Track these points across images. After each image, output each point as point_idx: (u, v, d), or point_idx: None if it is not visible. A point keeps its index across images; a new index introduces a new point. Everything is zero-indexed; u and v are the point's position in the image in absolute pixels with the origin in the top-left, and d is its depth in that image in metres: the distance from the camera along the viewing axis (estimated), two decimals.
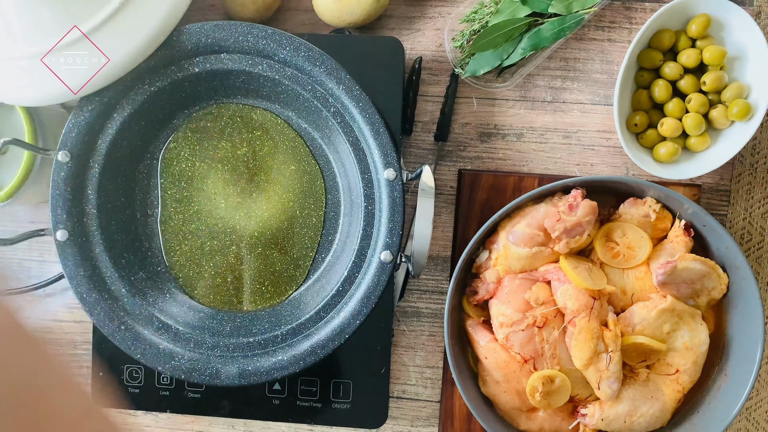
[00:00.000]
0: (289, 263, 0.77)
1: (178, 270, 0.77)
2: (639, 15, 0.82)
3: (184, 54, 0.70)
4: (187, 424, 0.88)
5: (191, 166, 0.77)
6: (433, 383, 0.85)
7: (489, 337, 0.75)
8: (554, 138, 0.83)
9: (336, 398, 0.80)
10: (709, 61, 0.76)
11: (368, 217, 0.71)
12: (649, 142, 0.79)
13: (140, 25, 0.68)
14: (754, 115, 0.76)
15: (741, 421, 0.85)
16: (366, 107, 0.69)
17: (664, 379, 0.74)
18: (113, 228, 0.74)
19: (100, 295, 0.71)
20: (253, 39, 0.70)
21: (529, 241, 0.73)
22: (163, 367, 0.71)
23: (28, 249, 0.89)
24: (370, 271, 0.69)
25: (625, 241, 0.75)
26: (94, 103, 0.70)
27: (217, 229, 0.77)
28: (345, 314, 0.70)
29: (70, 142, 0.70)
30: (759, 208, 0.84)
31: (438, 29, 0.84)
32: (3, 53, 0.68)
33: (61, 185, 0.70)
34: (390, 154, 0.69)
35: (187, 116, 0.76)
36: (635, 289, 0.75)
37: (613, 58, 0.83)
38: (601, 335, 0.71)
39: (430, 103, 0.84)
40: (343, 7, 0.79)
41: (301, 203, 0.76)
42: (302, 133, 0.76)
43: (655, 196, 0.75)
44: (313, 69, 0.69)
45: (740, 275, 0.72)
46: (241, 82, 0.73)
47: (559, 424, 0.75)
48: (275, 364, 0.70)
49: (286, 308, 0.75)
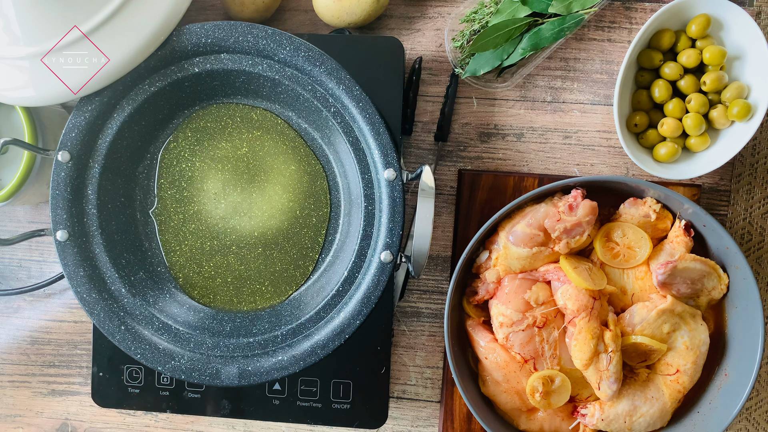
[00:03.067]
0: (289, 263, 0.77)
1: (178, 270, 0.77)
2: (639, 15, 0.82)
3: (184, 54, 0.70)
4: (187, 424, 0.88)
5: (191, 166, 0.77)
6: (433, 383, 0.85)
7: (489, 337, 0.75)
8: (554, 138, 0.83)
9: (336, 398, 0.80)
10: (709, 61, 0.76)
11: (368, 217, 0.71)
12: (649, 142, 0.79)
13: (140, 25, 0.68)
14: (754, 115, 0.76)
15: (741, 421, 0.85)
16: (366, 107, 0.69)
17: (664, 379, 0.74)
18: (113, 228, 0.74)
19: (99, 295, 0.71)
20: (253, 39, 0.70)
21: (529, 241, 0.73)
22: (163, 367, 0.70)
23: (28, 249, 0.89)
24: (370, 271, 0.69)
25: (625, 241, 0.75)
26: (94, 103, 0.70)
27: (217, 229, 0.77)
28: (345, 314, 0.70)
29: (70, 142, 0.70)
30: (759, 208, 0.83)
31: (438, 29, 0.84)
32: (3, 53, 0.68)
33: (61, 185, 0.70)
34: (390, 155, 0.69)
35: (187, 116, 0.76)
36: (635, 289, 0.75)
37: (613, 58, 0.83)
38: (601, 335, 0.71)
39: (430, 103, 0.84)
40: (343, 7, 0.79)
41: (301, 203, 0.76)
42: (302, 133, 0.76)
43: (655, 197, 0.75)
44: (313, 69, 0.69)
45: (740, 275, 0.72)
46: (241, 82, 0.73)
47: (559, 424, 0.75)
48: (275, 364, 0.70)
49: (286, 308, 0.75)
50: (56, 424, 0.89)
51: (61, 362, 0.89)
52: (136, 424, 0.88)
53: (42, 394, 0.89)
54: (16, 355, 0.89)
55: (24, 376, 0.90)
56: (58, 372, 0.89)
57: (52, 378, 0.89)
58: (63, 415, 0.89)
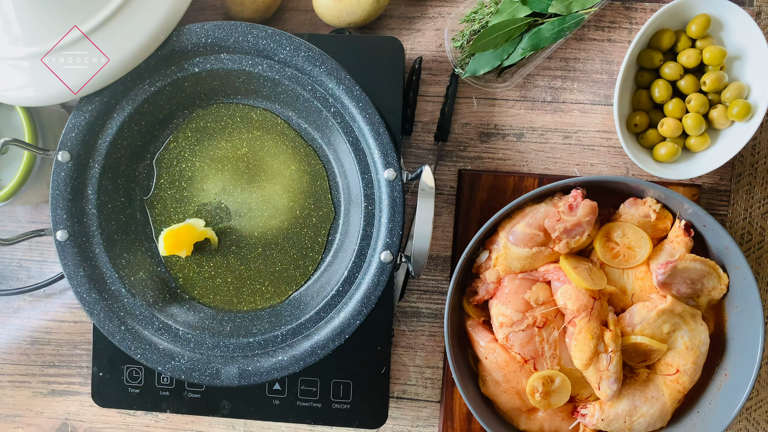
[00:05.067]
0: (289, 263, 0.77)
1: (177, 270, 0.77)
2: (639, 15, 0.82)
3: (184, 54, 0.70)
4: (187, 424, 0.88)
5: (191, 166, 0.77)
6: (433, 383, 0.85)
7: (489, 338, 0.75)
8: (554, 138, 0.83)
9: (336, 398, 0.80)
10: (709, 61, 0.76)
11: (368, 218, 0.71)
12: (649, 142, 0.79)
13: (140, 25, 0.68)
14: (754, 115, 0.76)
15: (741, 421, 0.85)
16: (366, 107, 0.69)
17: (664, 379, 0.74)
18: (113, 228, 0.74)
19: (99, 295, 0.71)
20: (253, 39, 0.69)
21: (529, 241, 0.73)
22: (163, 367, 0.70)
23: (28, 249, 0.89)
24: (370, 271, 0.69)
25: (625, 241, 0.75)
26: (94, 103, 0.70)
27: (218, 229, 0.77)
28: (345, 314, 0.70)
29: (70, 143, 0.70)
30: (759, 208, 0.83)
31: (438, 29, 0.84)
32: (3, 53, 0.68)
33: (61, 185, 0.70)
34: (390, 155, 0.69)
35: (187, 116, 0.76)
36: (635, 289, 0.75)
37: (613, 58, 0.83)
38: (601, 335, 0.71)
39: (430, 103, 0.84)
40: (343, 7, 0.79)
41: (301, 203, 0.76)
42: (302, 133, 0.76)
43: (655, 196, 0.75)
44: (313, 69, 0.69)
45: (740, 275, 0.72)
46: (241, 82, 0.73)
47: (559, 424, 0.75)
48: (275, 364, 0.70)
49: (286, 308, 0.75)
50: (56, 424, 0.89)
51: (61, 362, 0.89)
52: (136, 424, 0.88)
53: (42, 394, 0.89)
54: (16, 355, 0.89)
55: (24, 376, 0.90)
56: (58, 372, 0.89)
57: (52, 378, 0.89)
58: (63, 415, 0.89)
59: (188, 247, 0.74)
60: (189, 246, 0.74)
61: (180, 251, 0.74)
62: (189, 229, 0.74)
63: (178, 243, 0.73)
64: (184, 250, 0.74)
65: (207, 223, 0.77)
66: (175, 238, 0.73)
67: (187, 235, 0.74)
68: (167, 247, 0.73)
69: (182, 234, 0.74)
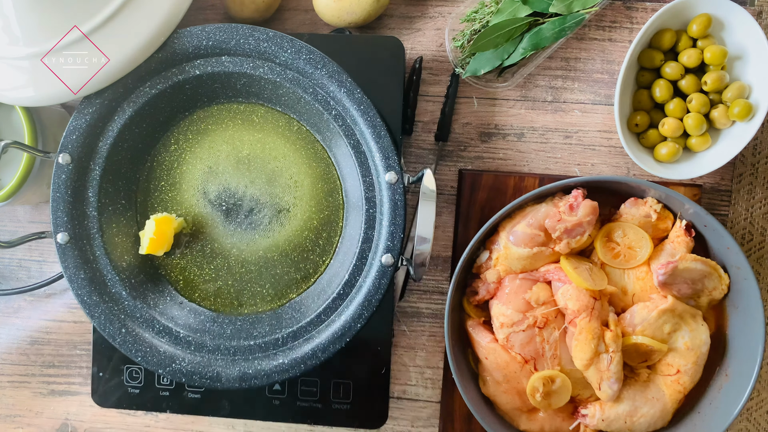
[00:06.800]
0: (289, 266, 0.76)
1: (178, 273, 0.77)
2: (640, 15, 0.82)
3: (185, 56, 0.70)
4: (187, 424, 0.88)
5: (192, 168, 0.77)
6: (433, 383, 0.85)
7: (489, 338, 0.75)
8: (555, 138, 0.83)
9: (336, 398, 0.80)
10: (710, 60, 0.76)
11: (369, 220, 0.70)
12: (650, 142, 0.79)
13: (140, 26, 0.68)
14: (755, 115, 0.76)
15: (742, 421, 0.85)
16: (367, 110, 0.69)
17: (665, 379, 0.74)
18: (114, 230, 0.74)
19: (100, 297, 0.71)
20: (254, 42, 0.69)
21: (530, 242, 0.73)
22: (163, 370, 0.70)
23: (28, 250, 0.89)
24: (371, 274, 0.69)
25: (626, 241, 0.75)
26: (95, 106, 0.70)
27: (218, 231, 0.76)
28: (346, 317, 0.70)
29: (70, 145, 0.70)
30: (760, 208, 0.83)
31: (438, 29, 0.84)
32: (3, 53, 0.68)
33: (62, 188, 0.70)
34: (391, 158, 0.68)
35: (188, 118, 0.76)
36: (636, 289, 0.75)
37: (613, 58, 0.83)
38: (602, 336, 0.71)
39: (431, 103, 0.84)
40: (343, 6, 0.78)
41: (302, 206, 0.76)
42: (303, 136, 0.76)
43: (656, 197, 0.75)
44: (315, 72, 0.69)
45: (741, 275, 0.72)
46: (242, 85, 0.73)
47: (560, 424, 0.75)
48: (276, 367, 0.70)
49: (287, 311, 0.75)
50: (56, 425, 0.89)
51: (61, 362, 0.89)
52: (136, 424, 0.88)
53: (42, 395, 0.89)
54: (16, 355, 0.89)
55: (24, 377, 0.90)
56: (58, 372, 0.89)
57: (52, 378, 0.89)
58: (63, 416, 0.89)
59: (168, 243, 0.74)
60: (169, 242, 0.74)
61: (161, 249, 0.74)
62: (167, 221, 0.74)
63: (160, 240, 0.74)
64: (164, 247, 0.74)
65: (207, 223, 0.76)
66: (156, 238, 0.74)
67: (165, 230, 0.74)
68: (150, 247, 0.73)
69: (161, 227, 0.74)
